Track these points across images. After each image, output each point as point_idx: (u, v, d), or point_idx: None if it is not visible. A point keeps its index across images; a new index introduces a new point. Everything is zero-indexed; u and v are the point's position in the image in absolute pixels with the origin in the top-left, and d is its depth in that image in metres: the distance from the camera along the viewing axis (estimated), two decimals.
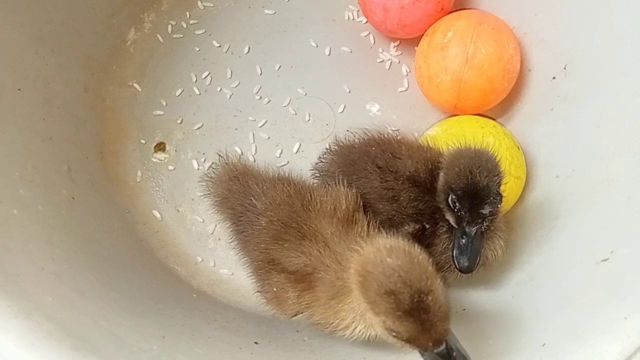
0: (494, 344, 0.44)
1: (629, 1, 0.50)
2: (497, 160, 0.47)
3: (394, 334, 0.38)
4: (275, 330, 0.55)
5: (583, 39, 0.56)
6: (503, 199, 0.46)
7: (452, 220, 0.47)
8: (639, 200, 0.45)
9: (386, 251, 0.39)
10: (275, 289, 0.47)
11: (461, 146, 0.49)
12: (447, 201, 0.46)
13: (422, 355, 0.39)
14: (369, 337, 0.45)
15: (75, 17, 0.62)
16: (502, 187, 0.46)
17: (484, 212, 0.45)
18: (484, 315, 0.50)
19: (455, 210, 0.46)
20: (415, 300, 0.36)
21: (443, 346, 0.38)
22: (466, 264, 0.46)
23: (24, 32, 0.55)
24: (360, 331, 0.44)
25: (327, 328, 0.46)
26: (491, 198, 0.45)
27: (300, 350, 0.51)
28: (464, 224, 0.46)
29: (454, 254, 0.46)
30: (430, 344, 0.37)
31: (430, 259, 0.39)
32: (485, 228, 0.47)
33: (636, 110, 0.49)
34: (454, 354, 0.38)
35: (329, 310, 0.45)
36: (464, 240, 0.46)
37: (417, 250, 0.39)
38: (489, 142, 0.55)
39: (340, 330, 0.45)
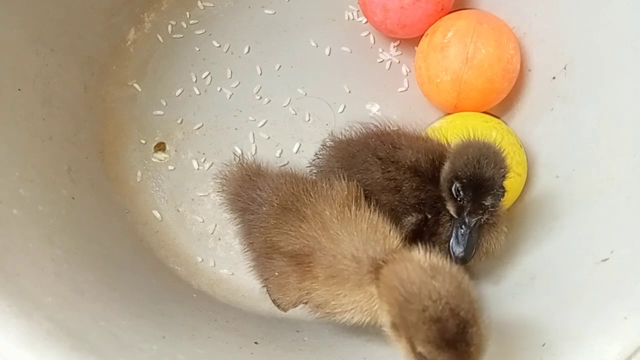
0: (494, 344, 0.44)
1: (629, 1, 0.50)
2: (503, 154, 0.47)
3: None
4: (275, 330, 0.55)
5: (583, 39, 0.56)
6: (505, 193, 0.46)
7: (452, 210, 0.47)
8: (639, 200, 0.45)
9: (430, 271, 0.36)
10: (277, 273, 0.47)
11: (469, 138, 0.49)
12: (451, 190, 0.46)
13: None
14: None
15: (75, 17, 0.62)
16: (506, 182, 0.46)
17: (486, 203, 0.45)
18: None
19: (458, 199, 0.46)
20: (460, 331, 0.34)
21: None
22: (462, 254, 0.46)
23: (24, 32, 0.55)
24: (358, 321, 0.43)
25: (327, 309, 0.45)
26: (495, 190, 0.45)
27: (300, 350, 0.51)
28: (465, 214, 0.46)
29: (451, 244, 0.46)
30: None
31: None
32: (484, 221, 0.47)
33: (636, 110, 0.49)
34: None
35: (328, 287, 0.44)
36: (462, 230, 0.46)
37: (460, 272, 0.37)
38: (492, 136, 0.55)
39: (338, 312, 0.44)
